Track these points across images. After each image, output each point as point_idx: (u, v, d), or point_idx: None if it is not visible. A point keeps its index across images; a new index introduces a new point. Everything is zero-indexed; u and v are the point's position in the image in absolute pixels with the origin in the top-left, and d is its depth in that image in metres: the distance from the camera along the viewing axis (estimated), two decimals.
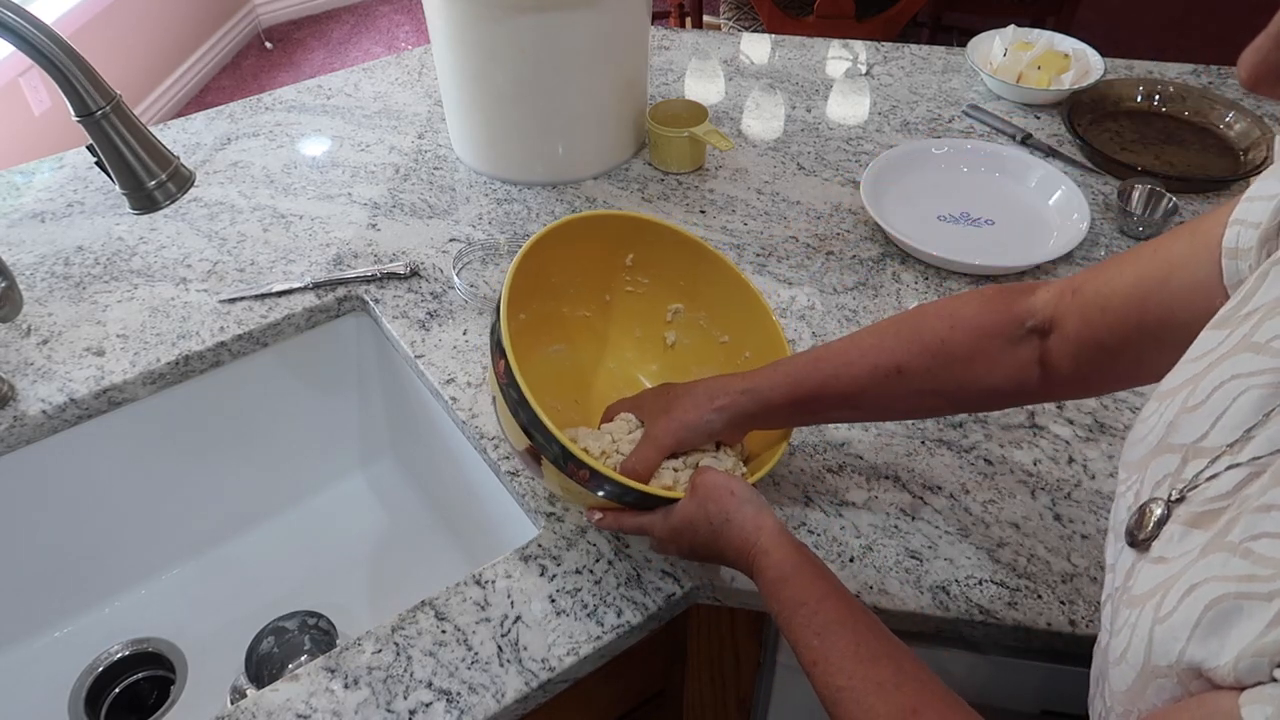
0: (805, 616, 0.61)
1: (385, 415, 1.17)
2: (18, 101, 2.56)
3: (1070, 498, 0.84)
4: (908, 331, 0.72)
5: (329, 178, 1.21)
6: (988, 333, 0.70)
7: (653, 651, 0.85)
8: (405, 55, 1.47)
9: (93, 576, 1.04)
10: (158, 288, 1.05)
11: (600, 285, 0.88)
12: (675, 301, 0.89)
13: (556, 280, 0.85)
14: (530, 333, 0.84)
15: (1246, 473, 0.47)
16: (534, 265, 0.77)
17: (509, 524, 0.89)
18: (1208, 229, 0.58)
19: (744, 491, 0.69)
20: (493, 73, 1.11)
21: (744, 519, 0.67)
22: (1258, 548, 0.43)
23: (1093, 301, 0.65)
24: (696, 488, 0.70)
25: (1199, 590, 0.45)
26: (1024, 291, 0.70)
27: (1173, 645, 0.45)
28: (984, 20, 1.81)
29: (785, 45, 1.51)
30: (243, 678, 0.98)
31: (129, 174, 0.75)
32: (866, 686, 0.56)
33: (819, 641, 0.59)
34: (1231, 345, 0.53)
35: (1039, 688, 0.83)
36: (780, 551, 0.65)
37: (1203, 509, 0.49)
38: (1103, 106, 1.33)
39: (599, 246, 0.85)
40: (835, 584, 0.63)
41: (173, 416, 1.00)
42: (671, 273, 0.87)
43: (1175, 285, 0.60)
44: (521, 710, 0.72)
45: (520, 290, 0.76)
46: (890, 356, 0.72)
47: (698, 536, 0.69)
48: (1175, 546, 0.50)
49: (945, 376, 0.71)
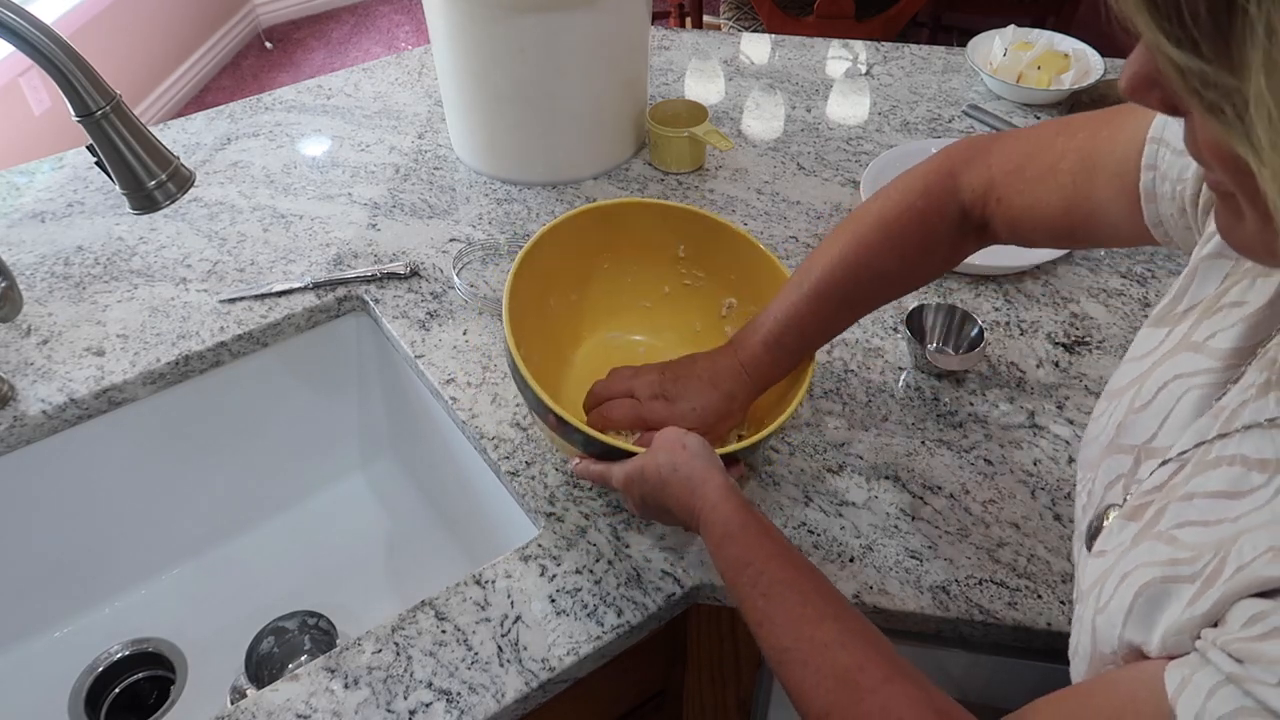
0: (751, 576, 0.61)
1: (385, 415, 1.16)
2: (18, 101, 2.56)
3: (1070, 498, 0.84)
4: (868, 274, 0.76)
5: (329, 178, 1.21)
6: (933, 248, 0.75)
7: (653, 651, 0.85)
8: (405, 55, 1.47)
9: (93, 576, 1.04)
10: (158, 288, 1.05)
11: (657, 276, 0.92)
12: (728, 296, 0.91)
13: (609, 267, 0.90)
14: (590, 314, 0.91)
15: (1175, 466, 0.49)
16: (584, 241, 0.85)
17: (509, 524, 0.89)
18: (1122, 169, 0.61)
19: (695, 445, 0.69)
20: (493, 73, 1.11)
21: (691, 471, 0.67)
22: (1181, 534, 0.46)
23: (1020, 220, 0.69)
24: (654, 441, 0.71)
25: (1131, 577, 0.47)
26: (949, 194, 0.73)
27: (1111, 632, 0.47)
28: (984, 20, 1.81)
29: (785, 45, 1.51)
30: (243, 678, 0.98)
31: (129, 174, 0.75)
32: (812, 647, 0.56)
33: (764, 602, 0.59)
34: (1172, 345, 0.54)
35: (1039, 688, 0.82)
36: (726, 506, 0.64)
37: (1137, 502, 0.51)
38: (1103, 106, 1.32)
39: (650, 234, 0.89)
40: (782, 544, 0.63)
41: (173, 416, 1.00)
42: (721, 266, 0.90)
43: (1100, 220, 0.64)
44: (521, 710, 0.72)
45: (569, 271, 0.84)
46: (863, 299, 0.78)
47: (647, 486, 0.69)
48: (1112, 539, 0.52)
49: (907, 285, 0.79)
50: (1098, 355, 0.97)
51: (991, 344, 0.99)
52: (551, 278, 0.85)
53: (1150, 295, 1.04)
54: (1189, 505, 0.46)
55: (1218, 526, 0.43)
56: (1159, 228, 0.60)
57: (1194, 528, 0.45)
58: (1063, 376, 0.95)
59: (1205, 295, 0.53)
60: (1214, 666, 0.39)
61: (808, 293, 0.76)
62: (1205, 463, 0.46)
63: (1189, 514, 0.46)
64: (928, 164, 0.76)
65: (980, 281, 1.06)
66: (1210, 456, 0.46)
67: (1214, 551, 0.42)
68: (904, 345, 0.99)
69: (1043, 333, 1.00)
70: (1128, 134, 0.61)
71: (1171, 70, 0.34)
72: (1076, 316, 1.02)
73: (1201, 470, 0.46)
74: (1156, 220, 0.60)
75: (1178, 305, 0.55)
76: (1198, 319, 0.53)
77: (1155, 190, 0.58)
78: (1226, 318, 0.50)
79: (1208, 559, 0.42)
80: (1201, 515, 0.45)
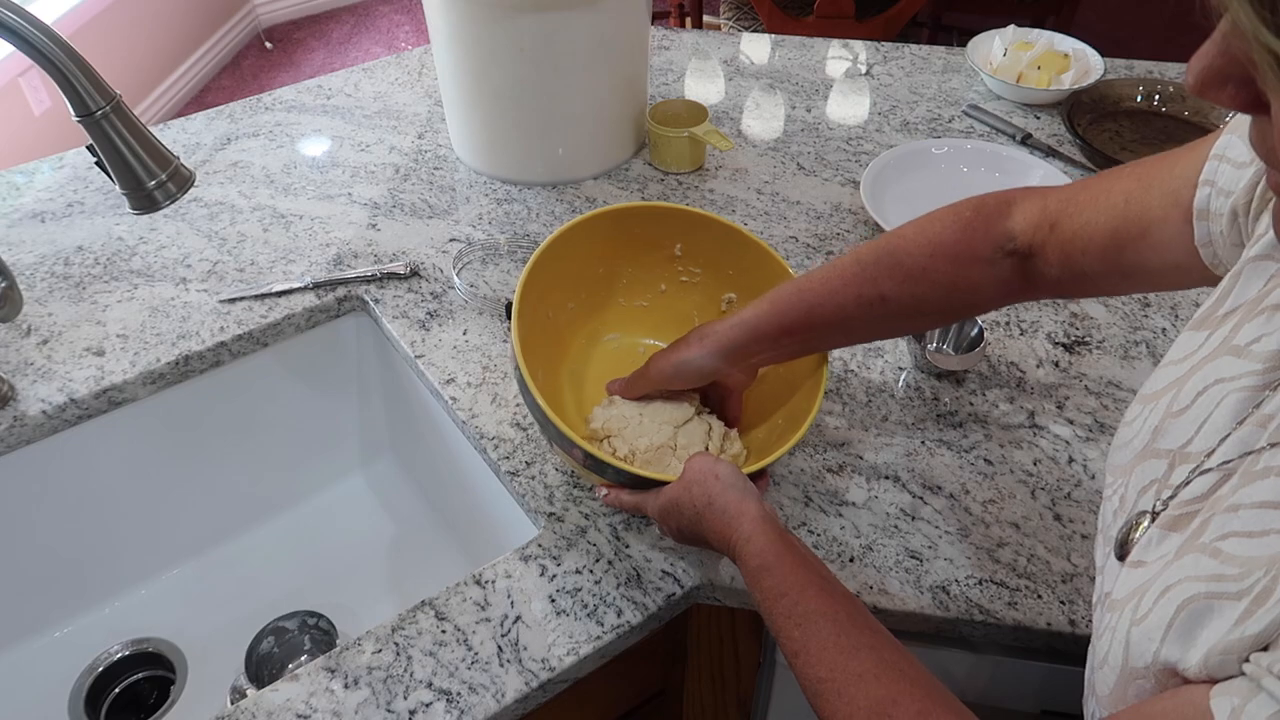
0: (787, 607, 0.61)
1: (385, 415, 1.16)
2: (18, 101, 2.56)
3: (1070, 498, 0.84)
4: (889, 261, 0.72)
5: (329, 178, 1.21)
6: (968, 259, 0.70)
7: (653, 651, 0.85)
8: (405, 55, 1.47)
9: (93, 576, 1.04)
10: (158, 288, 1.05)
11: (653, 276, 0.91)
12: (728, 291, 0.91)
13: (602, 271, 0.89)
14: (582, 321, 0.90)
15: (1218, 476, 0.48)
16: (573, 252, 0.83)
17: (509, 524, 0.89)
18: (1178, 186, 0.59)
19: (729, 476, 0.69)
20: (493, 73, 1.11)
21: (726, 503, 0.67)
22: (1226, 547, 0.44)
23: (1072, 242, 0.66)
24: (685, 471, 0.71)
25: (1172, 592, 0.45)
26: (999, 214, 0.70)
27: (1148, 646, 0.45)
28: (984, 20, 1.80)
29: (785, 45, 1.51)
30: (243, 678, 0.98)
31: (129, 174, 0.75)
32: (847, 678, 0.56)
33: (800, 632, 0.59)
34: (1212, 348, 0.53)
35: (1039, 688, 0.83)
36: (762, 539, 0.64)
37: (1179, 513, 0.50)
38: (1103, 106, 1.33)
39: (644, 236, 0.88)
40: (818, 573, 0.62)
41: (173, 416, 1.00)
42: (720, 262, 0.89)
43: (1151, 240, 0.61)
44: (521, 710, 0.72)
45: (563, 277, 0.83)
46: (874, 286, 0.72)
47: (683, 519, 0.70)
48: (1152, 550, 0.50)
49: (929, 301, 0.72)
50: (1098, 355, 0.97)
51: (991, 344, 0.99)
52: (548, 290, 0.85)
53: (1150, 295, 1.04)
54: (1234, 517, 0.44)
55: (1264, 538, 0.42)
56: (1207, 247, 0.58)
57: (1239, 539, 0.43)
58: (1063, 376, 0.95)
59: (1248, 297, 0.52)
60: (1268, 694, 0.37)
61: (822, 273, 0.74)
62: (1253, 473, 0.45)
63: (1234, 525, 0.44)
64: (963, 202, 0.72)
65: None
66: (1259, 466, 0.45)
67: (1265, 569, 0.40)
68: (904, 345, 0.99)
69: (1043, 333, 1.00)
70: (1189, 158, 0.59)
71: (1268, 61, 0.34)
72: (1076, 316, 1.02)
73: (1249, 481, 0.45)
74: (1206, 239, 0.58)
75: (1220, 308, 0.54)
76: (1239, 321, 0.51)
77: (1209, 207, 0.57)
78: (1271, 321, 0.49)
79: (1258, 575, 0.41)
80: (1247, 526, 0.43)
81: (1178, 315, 1.02)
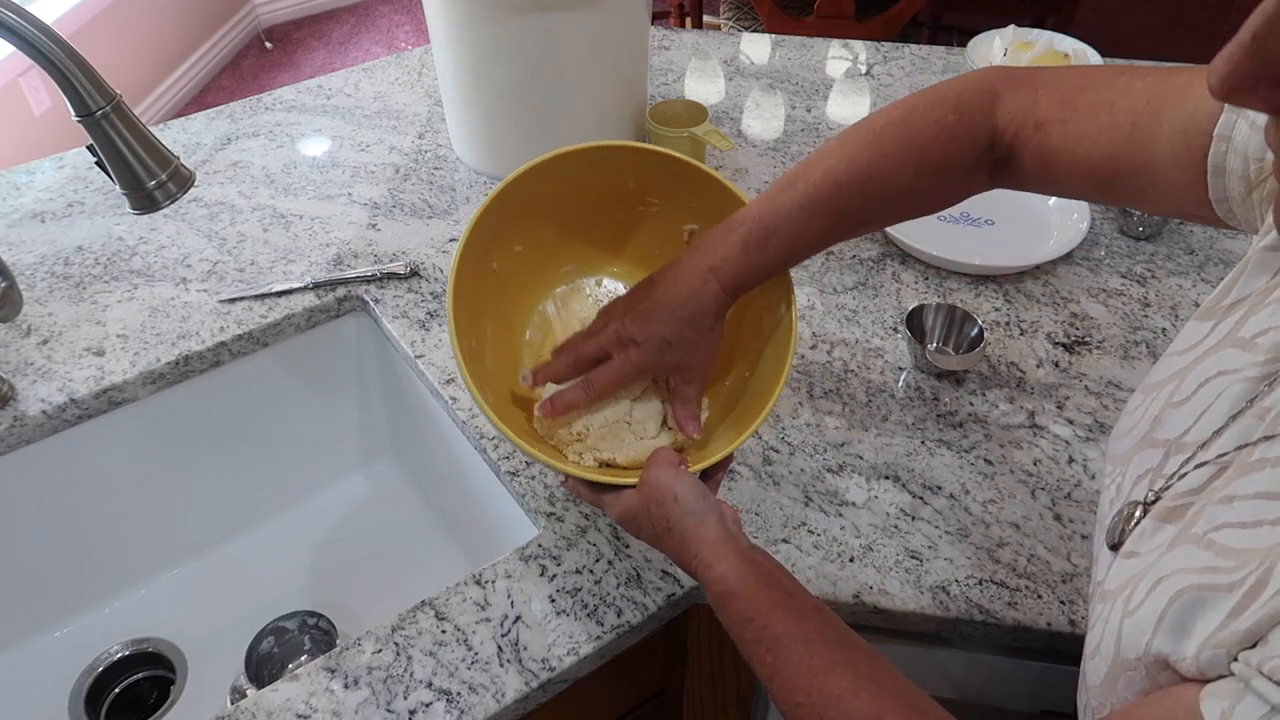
0: (755, 632, 0.59)
1: (385, 415, 1.16)
2: (18, 101, 2.56)
3: (1070, 498, 0.84)
4: (875, 188, 0.68)
5: (329, 178, 1.21)
6: (952, 171, 0.67)
7: (653, 651, 0.85)
8: (405, 55, 1.47)
9: (93, 576, 1.04)
10: (158, 288, 1.05)
11: (607, 212, 0.84)
12: (690, 222, 0.84)
13: (548, 209, 0.82)
14: (533, 260, 0.82)
15: (1214, 469, 0.47)
16: (516, 202, 0.77)
17: (509, 524, 0.89)
18: (1190, 125, 0.55)
19: (687, 497, 0.64)
20: (493, 73, 1.11)
21: (685, 529, 0.64)
22: (1220, 538, 0.44)
23: (1057, 153, 0.62)
24: (643, 483, 0.66)
25: (1165, 583, 0.45)
26: (982, 110, 0.66)
27: (1140, 638, 0.45)
28: (984, 20, 1.80)
29: (785, 45, 1.51)
30: (243, 678, 0.98)
31: (129, 174, 0.75)
32: (824, 700, 0.54)
33: (771, 657, 0.57)
34: (1217, 339, 0.52)
35: (1039, 688, 0.83)
36: (723, 564, 0.61)
37: (1174, 504, 0.49)
38: None
39: (596, 177, 0.82)
40: (784, 591, 0.60)
41: (173, 416, 1.00)
42: (680, 195, 0.82)
43: (1152, 175, 0.58)
44: (521, 710, 0.72)
45: (509, 221, 0.76)
46: (859, 215, 0.70)
47: (642, 534, 0.67)
48: (1146, 541, 0.50)
49: (909, 212, 0.72)
50: (1098, 355, 0.97)
51: (991, 344, 0.99)
52: (490, 245, 0.78)
53: (1150, 295, 1.04)
54: (1229, 508, 0.44)
55: (1258, 530, 0.41)
56: (1223, 204, 0.55)
57: (1234, 530, 0.43)
58: (1063, 376, 0.95)
59: (1256, 288, 0.51)
60: (1257, 695, 0.37)
61: (801, 197, 0.68)
62: (1248, 465, 0.45)
63: (1228, 516, 0.44)
64: (963, 79, 0.67)
65: (980, 281, 1.06)
66: (1254, 458, 0.44)
67: (1258, 561, 0.40)
68: (904, 345, 0.99)
69: (1043, 333, 1.00)
70: (1202, 90, 0.55)
71: None
72: (1076, 316, 1.02)
73: (1244, 472, 0.44)
74: (1222, 196, 0.55)
75: (1225, 298, 0.53)
76: (1246, 313, 0.51)
77: (1225, 164, 0.54)
78: (1276, 314, 0.48)
79: (1250, 568, 0.40)
80: (1240, 518, 0.43)
81: (1178, 315, 1.02)
